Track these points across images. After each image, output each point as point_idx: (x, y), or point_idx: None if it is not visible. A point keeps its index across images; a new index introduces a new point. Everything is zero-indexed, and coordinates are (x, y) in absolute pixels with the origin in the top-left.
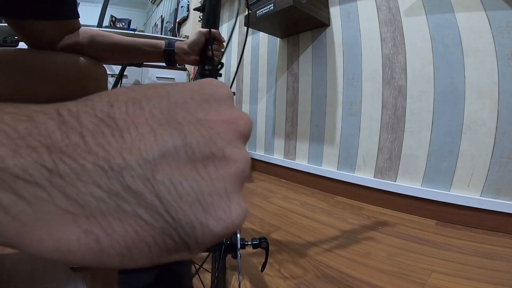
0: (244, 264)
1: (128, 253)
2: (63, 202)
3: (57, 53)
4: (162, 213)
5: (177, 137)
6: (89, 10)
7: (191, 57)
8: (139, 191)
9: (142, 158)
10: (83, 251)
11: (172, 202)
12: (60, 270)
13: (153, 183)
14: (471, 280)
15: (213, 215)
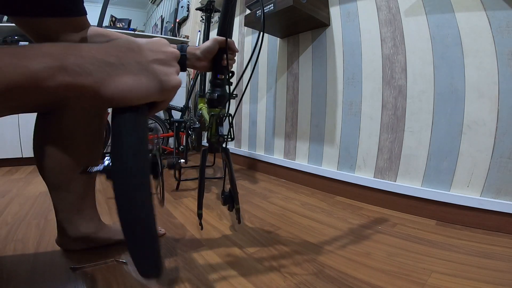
0: (244, 263)
1: (145, 88)
2: (125, 70)
3: None
4: (155, 75)
5: (156, 55)
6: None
7: (202, 63)
8: (147, 69)
9: (147, 60)
10: (132, 88)
11: (157, 73)
12: (60, 270)
13: (152, 67)
14: (471, 280)
15: (170, 78)
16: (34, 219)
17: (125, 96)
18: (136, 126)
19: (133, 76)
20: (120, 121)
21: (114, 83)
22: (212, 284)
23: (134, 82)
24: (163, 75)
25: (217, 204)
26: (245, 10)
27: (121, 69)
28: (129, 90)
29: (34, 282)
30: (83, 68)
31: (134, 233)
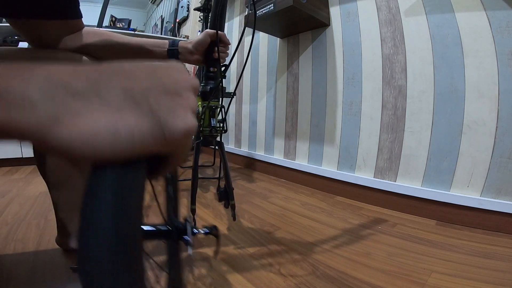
0: (244, 264)
1: (131, 137)
2: (99, 103)
3: (59, 52)
4: (151, 113)
5: (159, 81)
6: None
7: (194, 57)
8: (140, 101)
9: (141, 87)
10: (104, 135)
11: (156, 108)
12: (60, 270)
13: (147, 99)
14: (471, 280)
15: (177, 118)
16: (34, 219)
17: (94, 148)
18: (118, 200)
19: (111, 113)
20: (92, 188)
21: (75, 124)
22: (212, 284)
23: (111, 123)
24: (166, 112)
25: (216, 204)
26: (245, 10)
27: (93, 101)
28: (101, 136)
29: (34, 282)
30: (25, 97)
31: None
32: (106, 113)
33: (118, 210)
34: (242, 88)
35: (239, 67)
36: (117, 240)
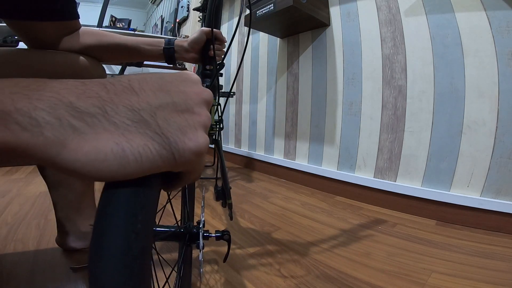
0: (244, 264)
1: (139, 160)
2: (106, 124)
3: (57, 52)
4: (160, 134)
5: (168, 97)
6: (89, 10)
7: (190, 55)
8: (148, 121)
9: (149, 105)
10: (111, 158)
11: (165, 128)
12: (60, 270)
13: (155, 118)
14: (471, 280)
15: (187, 137)
16: (34, 219)
17: (101, 171)
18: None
19: (118, 134)
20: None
21: (81, 148)
22: (212, 284)
23: (118, 146)
24: (175, 132)
25: (217, 204)
26: (245, 10)
27: (100, 121)
28: (107, 159)
29: (34, 282)
30: (33, 119)
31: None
32: (113, 134)
33: (129, 231)
34: (242, 88)
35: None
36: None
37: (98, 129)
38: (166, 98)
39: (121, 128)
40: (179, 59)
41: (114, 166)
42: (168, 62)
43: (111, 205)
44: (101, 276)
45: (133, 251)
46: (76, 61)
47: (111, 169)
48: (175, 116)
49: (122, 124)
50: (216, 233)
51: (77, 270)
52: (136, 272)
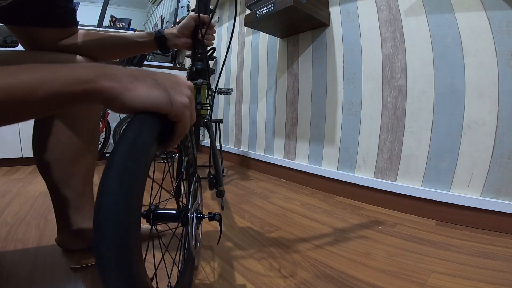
0: (244, 264)
1: (157, 98)
2: (143, 82)
3: (57, 53)
4: (166, 91)
5: (171, 78)
6: (89, 10)
7: (181, 40)
8: (161, 85)
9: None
10: (148, 93)
11: (168, 89)
12: (60, 270)
13: (164, 85)
14: (471, 280)
15: (179, 96)
16: (34, 219)
17: (140, 100)
18: (142, 125)
19: (148, 87)
20: (132, 120)
21: (135, 89)
22: (212, 284)
23: (148, 90)
24: (173, 91)
25: (217, 204)
26: (245, 10)
27: (140, 80)
28: (144, 96)
29: (34, 282)
30: (115, 76)
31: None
32: (145, 86)
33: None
34: (242, 88)
35: (239, 67)
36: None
37: (140, 83)
38: (170, 78)
39: (148, 85)
40: (171, 46)
41: (147, 98)
42: (161, 50)
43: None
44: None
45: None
46: (75, 62)
47: (146, 99)
48: (174, 86)
49: (149, 83)
50: (209, 215)
51: (77, 270)
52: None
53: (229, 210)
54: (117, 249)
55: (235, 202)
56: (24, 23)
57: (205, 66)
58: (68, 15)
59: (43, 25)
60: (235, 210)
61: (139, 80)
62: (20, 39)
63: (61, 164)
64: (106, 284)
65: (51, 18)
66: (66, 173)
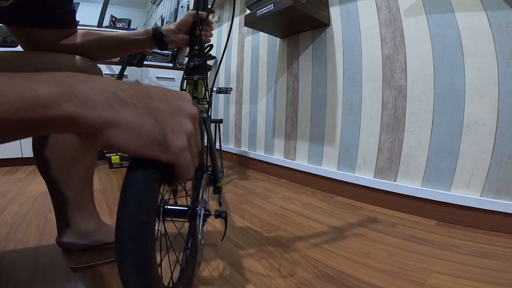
0: (244, 264)
1: (147, 135)
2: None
3: (57, 54)
4: (160, 124)
5: (169, 106)
6: (89, 10)
7: (179, 36)
8: (156, 115)
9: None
10: (136, 129)
11: (166, 123)
12: (60, 270)
13: (162, 115)
14: (471, 280)
15: (177, 135)
16: (34, 219)
17: (122, 138)
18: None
19: (138, 115)
20: (131, 168)
21: (118, 119)
22: (212, 284)
23: (138, 122)
24: (169, 129)
25: (215, 201)
26: (245, 10)
27: (127, 107)
28: (131, 129)
29: (34, 282)
30: (89, 100)
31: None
32: (134, 114)
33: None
34: (242, 88)
35: (239, 67)
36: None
37: (128, 110)
38: (169, 103)
39: (139, 112)
40: (169, 42)
41: (133, 147)
42: (159, 47)
43: (131, 180)
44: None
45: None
46: (74, 62)
47: (131, 135)
48: (172, 118)
49: (140, 110)
50: (215, 212)
51: (77, 270)
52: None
53: (229, 210)
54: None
55: (235, 202)
56: (23, 24)
57: (203, 62)
58: (68, 16)
59: (42, 26)
60: (235, 210)
61: (126, 105)
62: (19, 40)
63: (61, 164)
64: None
65: (51, 19)
66: (66, 173)
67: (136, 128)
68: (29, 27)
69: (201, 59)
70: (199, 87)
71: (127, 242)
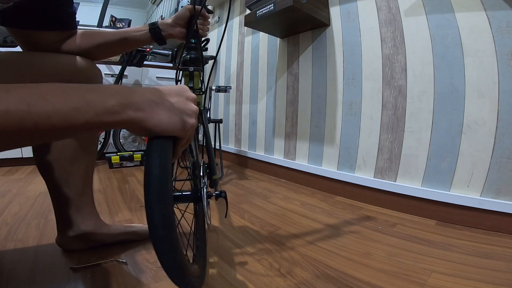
0: (244, 264)
1: (173, 123)
2: (163, 108)
3: (57, 55)
4: (180, 115)
5: (181, 98)
6: (89, 10)
7: (176, 30)
8: (177, 110)
9: (178, 104)
10: (167, 123)
11: (183, 114)
12: (60, 270)
13: (180, 110)
14: (471, 280)
15: (189, 119)
16: (34, 219)
17: (160, 126)
18: (164, 149)
19: (167, 112)
20: (153, 145)
21: (155, 116)
22: (212, 284)
23: (167, 117)
24: (186, 116)
25: (218, 204)
26: (245, 10)
27: (160, 105)
28: (164, 122)
29: (34, 282)
30: (139, 105)
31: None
32: (165, 112)
33: (164, 162)
34: (242, 88)
35: (239, 67)
36: (161, 179)
37: (161, 109)
38: (182, 99)
39: (168, 110)
40: (167, 36)
41: (166, 125)
42: (157, 42)
43: (153, 148)
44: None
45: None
46: (74, 62)
47: (165, 127)
48: (184, 107)
49: (168, 108)
50: (215, 193)
51: (77, 270)
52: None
53: (229, 210)
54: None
55: (235, 202)
56: (24, 25)
57: (199, 55)
58: (68, 18)
59: (43, 28)
60: (235, 210)
61: (159, 106)
62: (19, 41)
63: (61, 164)
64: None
65: (52, 21)
66: (66, 173)
67: (166, 119)
68: (30, 29)
69: (198, 52)
70: (195, 78)
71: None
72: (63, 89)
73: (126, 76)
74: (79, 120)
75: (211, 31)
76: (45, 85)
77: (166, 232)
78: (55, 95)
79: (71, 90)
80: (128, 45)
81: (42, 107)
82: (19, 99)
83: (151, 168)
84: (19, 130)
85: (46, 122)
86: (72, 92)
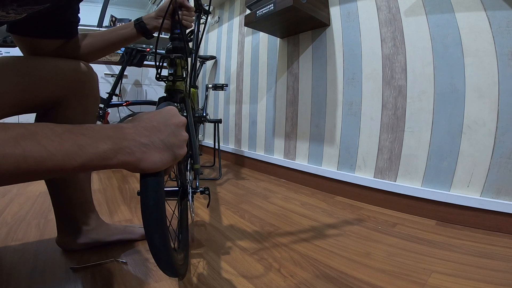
0: (244, 264)
1: (167, 161)
2: (154, 148)
3: (58, 59)
4: (171, 150)
5: (170, 129)
6: (89, 10)
7: (160, 22)
8: (167, 145)
9: (166, 138)
10: (159, 160)
11: (173, 147)
12: (60, 270)
13: (169, 143)
14: (471, 280)
15: (180, 149)
16: (34, 219)
17: (153, 167)
18: (157, 187)
19: (159, 153)
20: (147, 183)
21: (147, 159)
22: (212, 284)
23: (159, 157)
24: (176, 148)
25: (218, 205)
26: (245, 10)
27: (151, 147)
28: (157, 163)
29: (34, 282)
30: (131, 150)
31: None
32: (156, 153)
33: (158, 196)
34: (242, 88)
35: (239, 67)
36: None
37: (152, 150)
38: (169, 130)
39: (159, 150)
40: (152, 29)
41: (159, 165)
42: (144, 36)
43: (147, 186)
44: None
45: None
46: (73, 67)
47: (157, 166)
48: (174, 139)
49: (159, 148)
50: (199, 189)
51: (77, 270)
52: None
53: (229, 209)
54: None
55: (235, 202)
56: (30, 34)
57: (183, 44)
58: (73, 27)
59: (48, 37)
60: (235, 210)
61: (150, 148)
62: (22, 47)
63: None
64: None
65: (57, 30)
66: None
67: (159, 159)
68: (35, 37)
69: (181, 42)
70: (178, 67)
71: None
72: (56, 132)
73: (126, 76)
74: (72, 165)
75: (211, 31)
76: (38, 125)
77: (165, 249)
78: (48, 139)
79: (64, 133)
80: (119, 44)
81: (37, 152)
82: (14, 143)
83: (149, 203)
84: (13, 174)
85: (40, 166)
86: (66, 137)
